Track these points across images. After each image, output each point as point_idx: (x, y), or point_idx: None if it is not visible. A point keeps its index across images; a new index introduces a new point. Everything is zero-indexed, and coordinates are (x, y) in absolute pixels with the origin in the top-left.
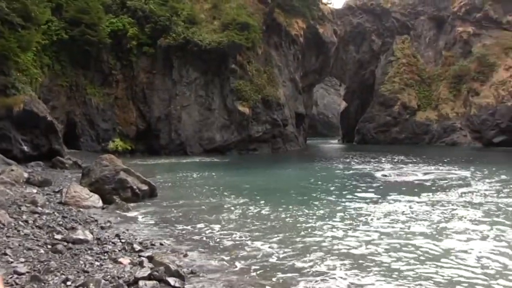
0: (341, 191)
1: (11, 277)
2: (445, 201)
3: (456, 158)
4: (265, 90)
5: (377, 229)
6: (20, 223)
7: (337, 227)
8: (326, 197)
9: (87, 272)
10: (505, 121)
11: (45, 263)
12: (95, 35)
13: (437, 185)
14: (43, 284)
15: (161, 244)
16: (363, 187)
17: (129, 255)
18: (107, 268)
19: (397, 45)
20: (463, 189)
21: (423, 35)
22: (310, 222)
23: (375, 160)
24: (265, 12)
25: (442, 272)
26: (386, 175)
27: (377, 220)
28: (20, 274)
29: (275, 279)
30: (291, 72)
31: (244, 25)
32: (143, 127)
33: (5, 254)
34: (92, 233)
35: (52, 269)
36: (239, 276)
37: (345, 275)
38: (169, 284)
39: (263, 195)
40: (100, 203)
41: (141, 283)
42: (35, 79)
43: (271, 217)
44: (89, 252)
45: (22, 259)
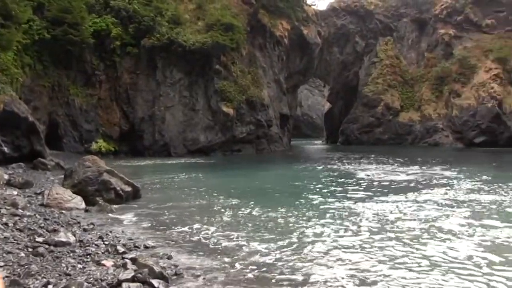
0: (328, 191)
1: None
2: (430, 200)
3: (439, 158)
4: (249, 91)
5: (368, 228)
6: (0, 226)
7: (328, 227)
8: (314, 197)
9: (69, 275)
10: (485, 122)
11: (25, 266)
12: (78, 35)
13: (422, 184)
14: None
15: (145, 246)
16: (349, 187)
17: (112, 257)
18: (90, 270)
19: (380, 47)
20: (447, 188)
21: (405, 37)
22: (301, 223)
23: (359, 161)
24: (249, 13)
25: (435, 270)
26: (371, 175)
27: (367, 220)
28: None
29: (264, 280)
30: (276, 73)
31: (229, 26)
32: (126, 128)
33: None
34: (74, 235)
35: (32, 272)
36: (224, 278)
37: (343, 274)
38: (153, 286)
39: (251, 196)
40: (83, 205)
41: (124, 285)
42: (16, 79)
43: (262, 218)
44: (71, 254)
45: (1, 263)
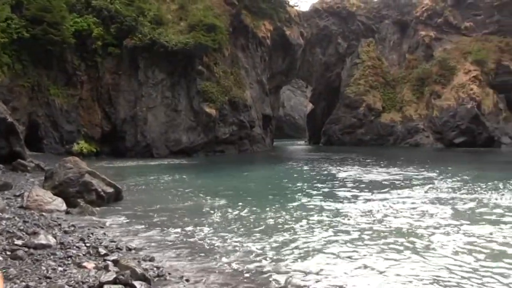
0: (313, 191)
1: None
2: (414, 198)
3: (420, 159)
4: (232, 92)
5: (356, 227)
6: None
7: (317, 227)
8: (300, 197)
9: (50, 278)
10: (465, 122)
11: (3, 270)
12: (58, 34)
13: (404, 184)
14: None
15: (127, 247)
16: (334, 187)
17: (94, 260)
18: (71, 273)
19: (362, 48)
20: (428, 187)
21: (387, 39)
22: (290, 224)
23: (342, 161)
24: (232, 13)
25: (424, 265)
26: (354, 175)
27: (354, 219)
28: None
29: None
30: (258, 74)
31: (211, 26)
32: (108, 129)
33: None
34: (55, 237)
35: (11, 276)
36: (208, 279)
37: (339, 273)
38: None
39: (238, 197)
40: (64, 207)
41: (106, 287)
42: None
43: (251, 219)
44: (52, 257)
45: None
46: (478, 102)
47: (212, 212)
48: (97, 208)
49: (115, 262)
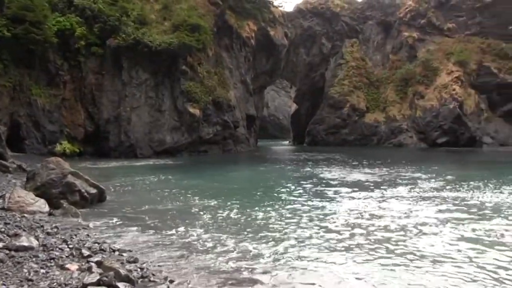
0: (300, 191)
1: None
2: (399, 197)
3: (404, 158)
4: (216, 92)
5: (347, 226)
6: None
7: (308, 227)
8: (287, 197)
9: (31, 280)
10: (448, 122)
11: None
12: (40, 33)
13: (389, 183)
14: None
15: (111, 249)
16: (320, 187)
17: (77, 261)
18: (53, 275)
19: (346, 49)
20: (413, 186)
21: (371, 39)
22: (281, 223)
23: (326, 161)
24: (216, 13)
25: (414, 264)
26: (338, 175)
27: (344, 218)
28: None
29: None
30: (242, 74)
31: (195, 26)
32: (91, 129)
33: None
34: (37, 239)
35: None
36: (191, 279)
37: (336, 271)
38: None
39: (226, 197)
40: (47, 208)
41: None
42: None
43: (237, 219)
44: (34, 259)
45: None
46: (460, 103)
47: (200, 212)
48: (81, 209)
49: (99, 264)
